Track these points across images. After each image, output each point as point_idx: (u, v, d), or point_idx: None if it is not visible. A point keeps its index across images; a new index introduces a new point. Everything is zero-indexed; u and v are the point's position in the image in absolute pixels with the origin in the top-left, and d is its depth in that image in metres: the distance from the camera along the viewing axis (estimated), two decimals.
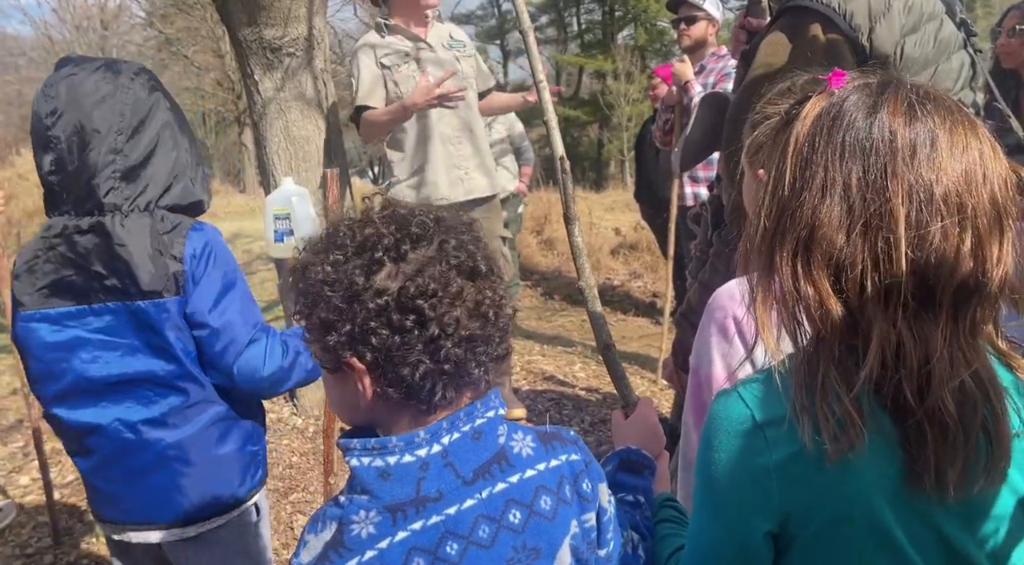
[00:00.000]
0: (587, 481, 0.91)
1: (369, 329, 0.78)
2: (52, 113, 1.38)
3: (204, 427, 1.50)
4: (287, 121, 3.30)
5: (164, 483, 1.48)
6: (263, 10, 3.07)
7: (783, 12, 1.66)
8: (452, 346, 0.80)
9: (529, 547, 0.83)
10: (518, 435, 0.89)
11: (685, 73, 3.71)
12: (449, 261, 0.80)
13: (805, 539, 0.79)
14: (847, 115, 0.74)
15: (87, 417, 1.45)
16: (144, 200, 1.42)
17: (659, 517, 1.07)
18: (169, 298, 1.42)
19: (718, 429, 0.81)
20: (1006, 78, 2.96)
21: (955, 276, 0.71)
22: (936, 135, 0.72)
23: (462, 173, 3.24)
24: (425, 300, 0.78)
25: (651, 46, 26.71)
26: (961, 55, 1.63)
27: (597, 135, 27.62)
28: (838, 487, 0.75)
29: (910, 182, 0.71)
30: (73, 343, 1.42)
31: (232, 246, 7.03)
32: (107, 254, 1.39)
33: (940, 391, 0.71)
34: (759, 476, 0.77)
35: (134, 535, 1.52)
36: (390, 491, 0.80)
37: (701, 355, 1.22)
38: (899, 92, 0.75)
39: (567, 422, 3.62)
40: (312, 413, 3.56)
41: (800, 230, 0.75)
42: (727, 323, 1.16)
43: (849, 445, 0.72)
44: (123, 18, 23.36)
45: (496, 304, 0.84)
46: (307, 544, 0.81)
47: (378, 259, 0.79)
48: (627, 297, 6.17)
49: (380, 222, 0.82)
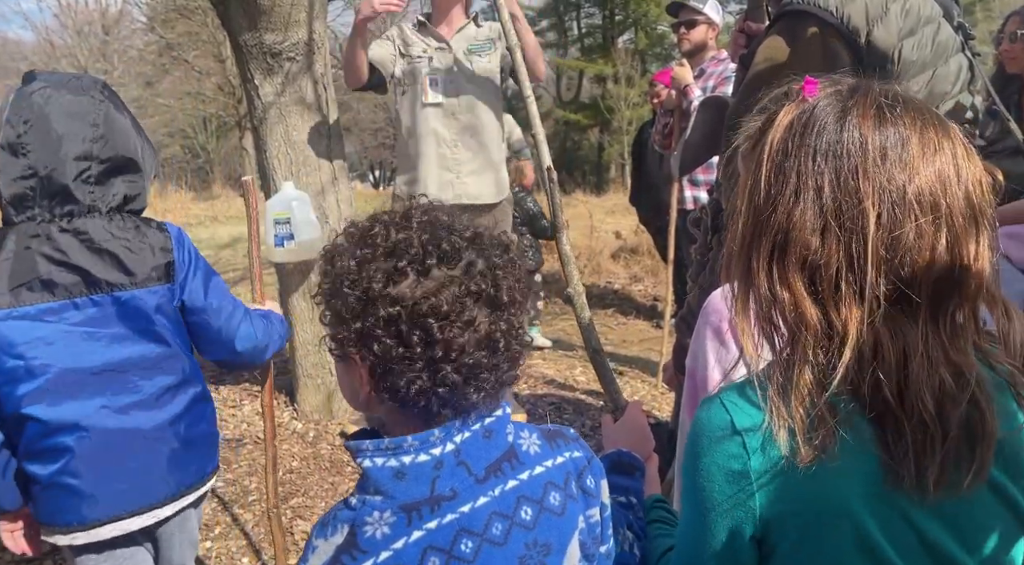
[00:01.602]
0: (590, 477, 0.92)
1: (375, 335, 0.79)
2: (25, 122, 1.46)
3: (187, 406, 1.60)
4: (287, 126, 3.30)
5: (146, 466, 1.53)
6: (263, 15, 3.08)
7: (781, 16, 1.66)
8: (452, 371, 0.79)
9: (540, 543, 0.84)
10: (524, 433, 0.90)
11: (685, 77, 3.72)
12: (470, 286, 0.80)
13: (787, 546, 0.79)
14: (818, 120, 0.76)
15: (69, 412, 1.46)
16: (116, 202, 1.53)
17: (650, 518, 1.08)
18: (162, 286, 1.54)
19: (700, 435, 0.82)
20: (1009, 83, 2.97)
21: (931, 274, 0.72)
22: (907, 137, 0.74)
23: (453, 177, 3.25)
24: (436, 320, 0.78)
25: (651, 50, 26.74)
26: (959, 58, 1.64)
27: (597, 139, 27.64)
28: (816, 492, 0.75)
29: (881, 183, 0.72)
30: (54, 338, 1.45)
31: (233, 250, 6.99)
32: (91, 249, 1.47)
33: (918, 390, 0.72)
34: (739, 482, 0.78)
35: (108, 529, 1.51)
36: (405, 491, 0.80)
37: (697, 358, 1.22)
38: (868, 96, 0.76)
39: (567, 425, 3.60)
40: (312, 418, 3.56)
41: (775, 234, 0.76)
42: (722, 326, 1.16)
43: (823, 447, 0.73)
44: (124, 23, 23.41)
45: (509, 335, 0.83)
46: (316, 549, 0.80)
47: (401, 269, 0.79)
48: (628, 300, 6.17)
49: (416, 228, 0.82)
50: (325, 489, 3.06)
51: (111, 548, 1.57)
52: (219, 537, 2.71)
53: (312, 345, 3.47)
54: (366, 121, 26.07)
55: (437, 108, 3.22)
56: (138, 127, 1.62)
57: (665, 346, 4.11)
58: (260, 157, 3.41)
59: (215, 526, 2.75)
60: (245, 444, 3.43)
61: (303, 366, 3.54)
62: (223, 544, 2.68)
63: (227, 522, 2.80)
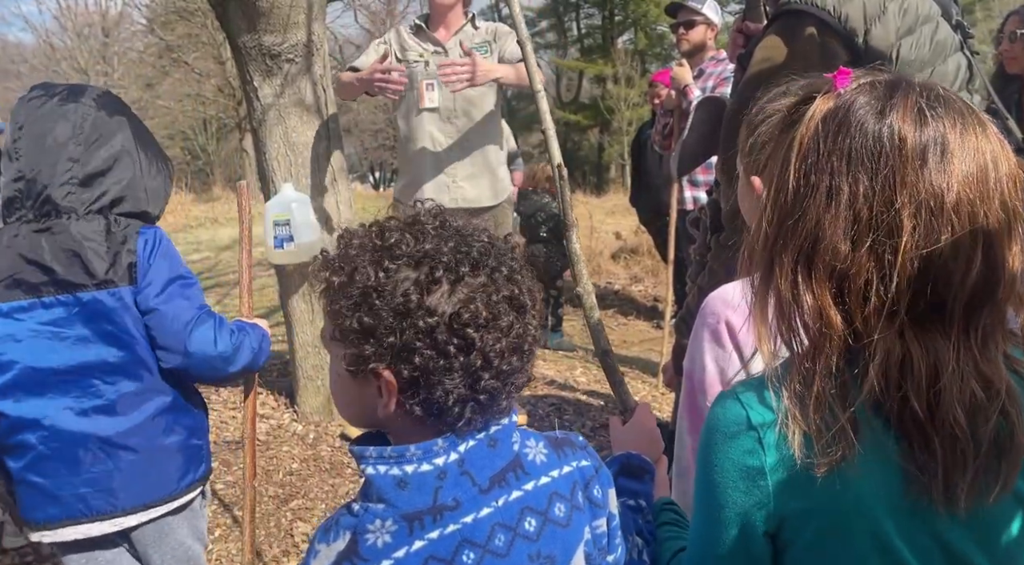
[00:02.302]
0: (598, 487, 0.91)
1: (414, 348, 0.77)
2: (20, 129, 1.53)
3: (151, 416, 1.57)
4: (286, 127, 3.30)
5: (107, 472, 1.53)
6: (262, 16, 3.07)
7: (779, 15, 1.66)
8: (490, 377, 0.79)
9: (544, 555, 0.83)
10: (531, 442, 0.88)
11: (684, 77, 3.72)
12: (502, 292, 0.80)
13: (802, 544, 0.78)
14: (854, 119, 0.71)
15: (32, 410, 1.48)
16: (99, 205, 1.54)
17: (660, 520, 1.07)
18: (124, 287, 1.53)
19: (715, 430, 0.80)
20: (1009, 82, 2.97)
21: (966, 285, 0.69)
22: (947, 140, 0.70)
23: (449, 181, 3.27)
24: (475, 329, 0.77)
25: (651, 50, 26.75)
26: (957, 57, 1.63)
27: (597, 139, 27.65)
28: (834, 497, 0.73)
29: (919, 192, 0.69)
30: (22, 335, 1.48)
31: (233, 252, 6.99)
32: (60, 250, 1.49)
33: (950, 405, 0.69)
34: (753, 477, 0.77)
35: (70, 531, 1.52)
36: (408, 500, 0.79)
37: (694, 360, 1.21)
38: (909, 95, 0.72)
39: (568, 427, 3.61)
40: (312, 419, 3.56)
41: (802, 239, 0.72)
42: (720, 328, 1.16)
43: (841, 458, 0.71)
44: (124, 25, 23.45)
45: (533, 338, 0.83)
46: (318, 553, 0.80)
47: (437, 278, 0.77)
48: (628, 301, 6.17)
49: (436, 236, 0.81)
50: (325, 491, 3.05)
51: (91, 549, 1.58)
52: (219, 539, 2.71)
53: (312, 347, 3.47)
54: (366, 122, 26.07)
55: (433, 113, 3.23)
56: (143, 135, 1.64)
57: (665, 347, 4.10)
58: (260, 159, 3.41)
59: (215, 528, 2.75)
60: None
61: (303, 368, 3.53)
62: (223, 546, 2.67)
63: (227, 524, 2.80)
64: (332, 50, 20.73)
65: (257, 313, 1.94)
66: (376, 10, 23.46)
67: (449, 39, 3.27)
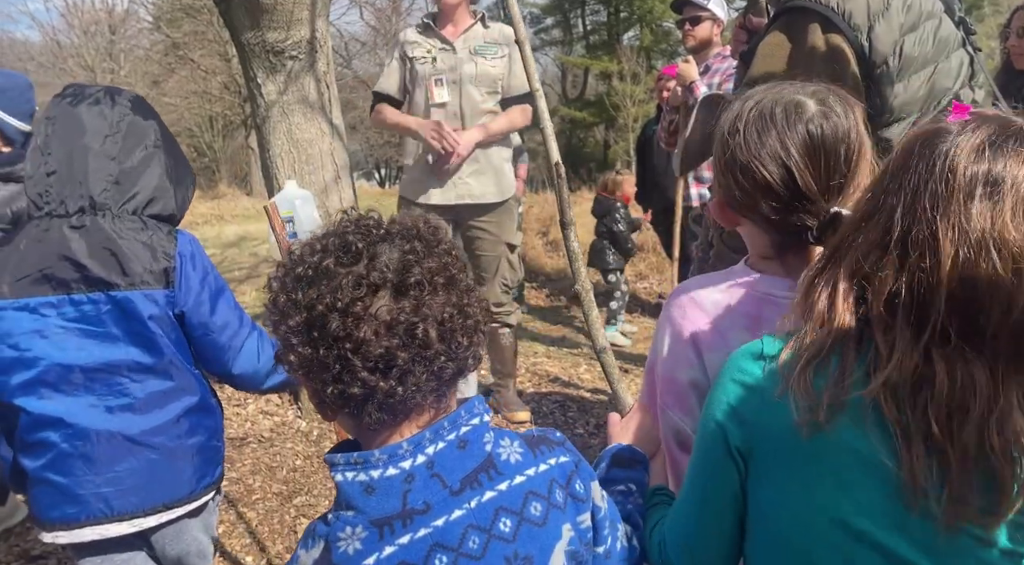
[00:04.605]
0: (579, 481, 0.90)
1: (290, 345, 0.80)
2: (50, 122, 1.52)
3: (177, 416, 1.57)
4: (290, 124, 3.30)
5: (130, 471, 1.51)
6: (265, 13, 3.07)
7: (782, 12, 1.65)
8: (362, 368, 0.77)
9: (521, 556, 0.82)
10: (505, 441, 0.87)
11: (690, 74, 3.70)
12: (370, 278, 0.78)
13: (762, 469, 0.83)
14: (929, 147, 0.74)
15: (56, 407, 1.47)
16: (132, 206, 1.54)
17: (650, 502, 1.08)
18: (159, 290, 1.52)
19: (728, 362, 0.87)
20: (1016, 78, 2.95)
21: (1008, 320, 0.69)
22: (1003, 178, 0.69)
23: (455, 176, 3.28)
24: (336, 316, 0.77)
25: (656, 47, 26.66)
26: (960, 54, 1.62)
27: (603, 136, 27.59)
28: (813, 455, 0.79)
29: (961, 222, 0.69)
30: (50, 331, 1.46)
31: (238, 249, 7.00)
32: (96, 247, 1.48)
33: (982, 431, 0.70)
34: (746, 382, 0.84)
35: (89, 531, 1.50)
36: (376, 505, 0.78)
37: (656, 353, 1.19)
38: (1007, 133, 0.71)
39: (572, 424, 3.61)
40: (316, 416, 3.56)
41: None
42: (683, 325, 1.13)
43: (824, 424, 0.76)
44: (130, 23, 23.47)
45: (424, 321, 0.79)
46: (298, 559, 0.81)
47: (301, 275, 0.81)
48: (633, 298, 6.16)
49: (326, 236, 0.83)
50: (329, 488, 3.06)
51: (107, 551, 1.56)
52: (223, 535, 2.72)
53: None
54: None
55: (440, 109, 3.25)
56: (171, 142, 1.65)
57: None
58: (263, 156, 3.42)
59: (219, 525, 2.76)
60: (249, 443, 3.44)
61: None
62: (227, 542, 2.68)
63: (231, 520, 2.81)
64: (337, 47, 20.72)
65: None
66: (382, 7, 23.47)
67: (458, 37, 3.30)
